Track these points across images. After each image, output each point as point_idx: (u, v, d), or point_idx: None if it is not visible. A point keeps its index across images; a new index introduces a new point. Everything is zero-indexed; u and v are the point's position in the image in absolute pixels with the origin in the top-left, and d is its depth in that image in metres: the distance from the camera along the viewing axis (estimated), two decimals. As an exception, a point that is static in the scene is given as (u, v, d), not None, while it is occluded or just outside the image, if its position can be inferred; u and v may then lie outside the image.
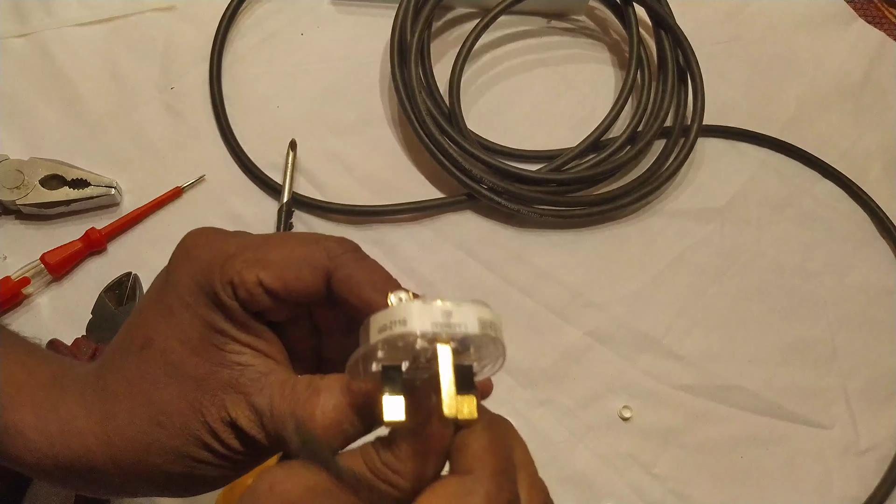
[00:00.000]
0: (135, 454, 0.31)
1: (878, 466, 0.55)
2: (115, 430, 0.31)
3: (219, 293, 0.30)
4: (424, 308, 0.27)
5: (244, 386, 0.31)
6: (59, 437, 0.32)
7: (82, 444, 0.31)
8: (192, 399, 0.31)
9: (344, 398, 0.30)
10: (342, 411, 0.29)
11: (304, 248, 0.31)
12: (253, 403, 0.30)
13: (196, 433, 0.31)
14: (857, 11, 0.73)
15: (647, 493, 0.52)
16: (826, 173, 0.65)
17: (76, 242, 0.54)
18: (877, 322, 0.60)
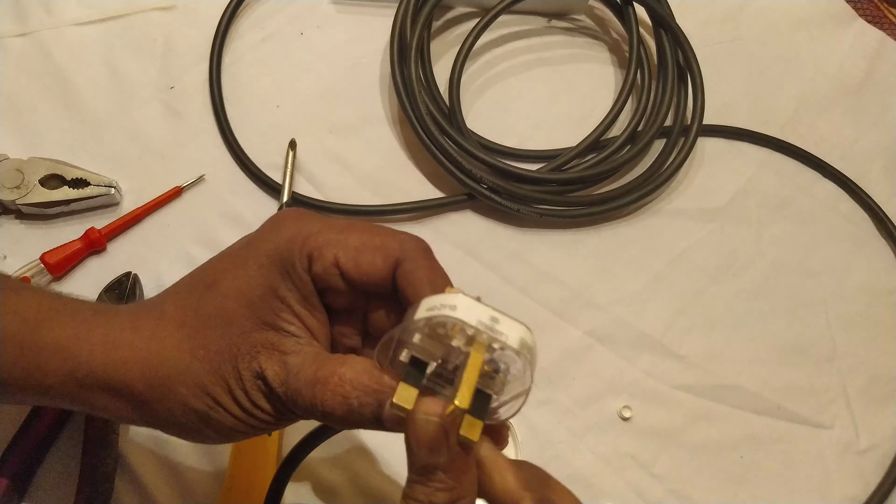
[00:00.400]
0: (166, 378, 0.34)
1: (878, 466, 0.55)
2: (158, 350, 0.34)
3: (295, 263, 0.33)
4: (476, 304, 0.29)
5: (282, 346, 0.33)
6: (101, 347, 0.34)
7: (122, 357, 0.34)
8: (232, 344, 0.33)
9: (363, 374, 0.32)
10: (356, 383, 0.32)
11: (381, 238, 0.34)
12: (285, 362, 0.33)
13: (225, 375, 0.33)
14: (857, 11, 0.73)
15: (647, 493, 0.52)
16: (826, 173, 0.65)
17: (76, 242, 0.54)
18: (877, 322, 0.60)
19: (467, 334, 0.29)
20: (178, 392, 0.34)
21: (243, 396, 0.34)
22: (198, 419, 0.34)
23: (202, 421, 0.34)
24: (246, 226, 0.58)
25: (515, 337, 0.29)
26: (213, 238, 0.57)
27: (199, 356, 0.33)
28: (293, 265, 0.33)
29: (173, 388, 0.34)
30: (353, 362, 0.32)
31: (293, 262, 0.33)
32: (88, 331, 0.35)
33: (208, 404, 0.34)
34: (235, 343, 0.33)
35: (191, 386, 0.33)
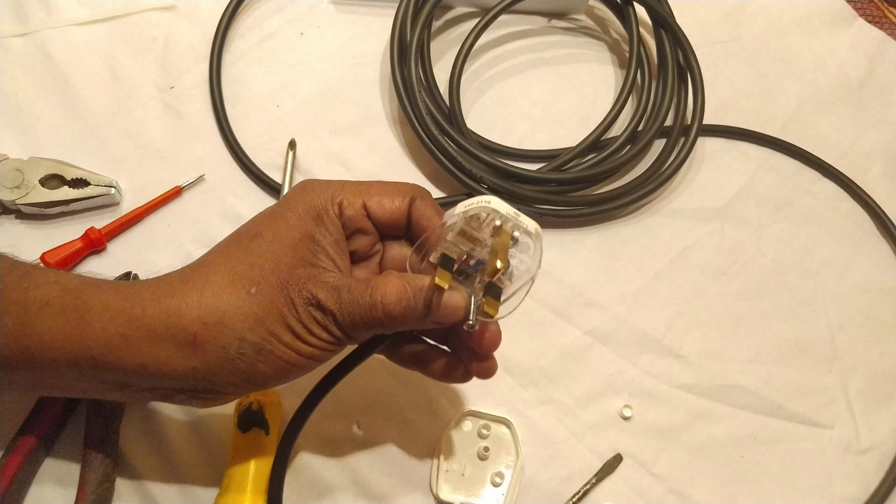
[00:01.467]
0: (222, 315, 0.37)
1: (878, 466, 0.55)
2: (212, 294, 0.37)
3: (329, 210, 0.40)
4: (503, 202, 0.38)
5: (326, 276, 0.38)
6: (152, 301, 0.37)
7: (176, 304, 0.37)
8: (282, 279, 0.37)
9: (409, 277, 0.38)
10: (407, 280, 0.38)
11: (395, 185, 0.42)
12: (334, 286, 0.38)
13: (279, 307, 0.37)
14: (857, 11, 0.73)
15: (647, 493, 0.53)
16: (826, 173, 0.65)
17: (76, 242, 0.54)
18: (877, 322, 0.60)
19: (496, 225, 0.37)
20: (234, 327, 0.37)
21: (298, 325, 0.37)
22: (253, 352, 0.37)
23: (257, 353, 0.37)
24: (246, 226, 0.58)
25: (533, 226, 0.38)
26: (213, 238, 0.56)
27: (252, 292, 0.37)
28: (327, 212, 0.40)
29: (229, 324, 0.37)
30: (394, 273, 0.39)
31: (327, 209, 0.40)
32: (137, 291, 0.38)
33: (263, 336, 0.37)
34: (285, 278, 0.37)
35: (246, 319, 0.37)
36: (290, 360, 0.38)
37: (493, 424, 0.53)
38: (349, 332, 0.39)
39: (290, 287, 0.37)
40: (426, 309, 0.38)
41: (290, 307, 0.37)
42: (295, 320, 0.37)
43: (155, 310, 0.37)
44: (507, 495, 0.51)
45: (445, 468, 0.51)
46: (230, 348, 0.37)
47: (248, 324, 0.37)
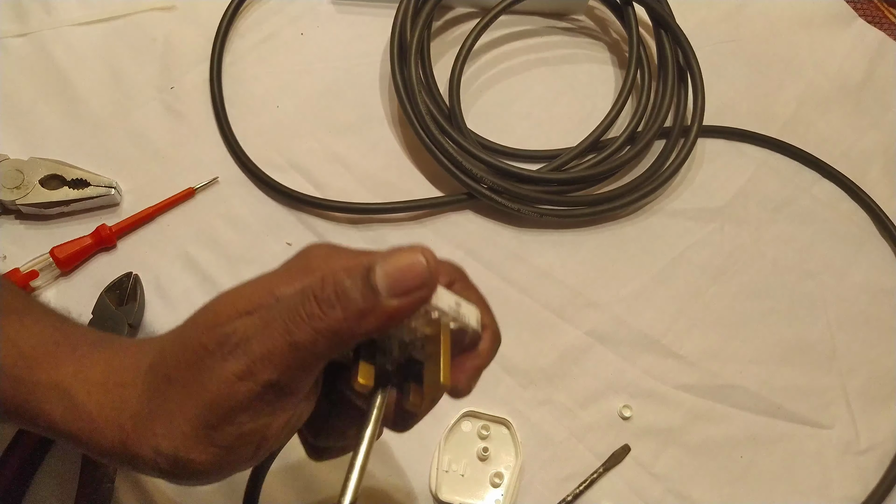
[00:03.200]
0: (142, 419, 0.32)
1: (878, 466, 0.55)
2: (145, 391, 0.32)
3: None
4: (443, 291, 0.31)
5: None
6: (100, 387, 0.32)
7: (120, 396, 0.32)
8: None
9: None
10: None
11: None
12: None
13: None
14: (857, 11, 0.73)
15: (646, 493, 0.52)
16: (826, 173, 0.65)
17: (86, 238, 0.54)
18: (877, 322, 0.60)
19: (431, 317, 0.31)
20: (155, 433, 0.31)
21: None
22: (168, 462, 0.32)
23: (172, 463, 0.32)
24: (246, 226, 0.58)
25: (474, 319, 0.33)
26: (214, 238, 0.57)
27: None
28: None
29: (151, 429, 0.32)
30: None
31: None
32: (88, 367, 0.34)
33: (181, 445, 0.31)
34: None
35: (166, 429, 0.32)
36: (210, 470, 0.32)
37: (493, 425, 0.53)
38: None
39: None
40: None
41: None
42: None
43: (99, 398, 0.32)
44: (506, 496, 0.51)
45: (445, 468, 0.51)
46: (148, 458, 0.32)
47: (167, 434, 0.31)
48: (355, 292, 0.29)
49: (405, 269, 0.29)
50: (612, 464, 0.53)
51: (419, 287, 0.29)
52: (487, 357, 0.34)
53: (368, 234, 0.59)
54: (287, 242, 0.58)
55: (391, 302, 0.29)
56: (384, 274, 0.29)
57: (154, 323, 0.54)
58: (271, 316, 0.30)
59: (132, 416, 0.32)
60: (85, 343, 0.35)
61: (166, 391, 0.31)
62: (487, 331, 0.34)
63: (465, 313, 0.32)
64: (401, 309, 0.29)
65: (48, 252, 0.53)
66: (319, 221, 0.59)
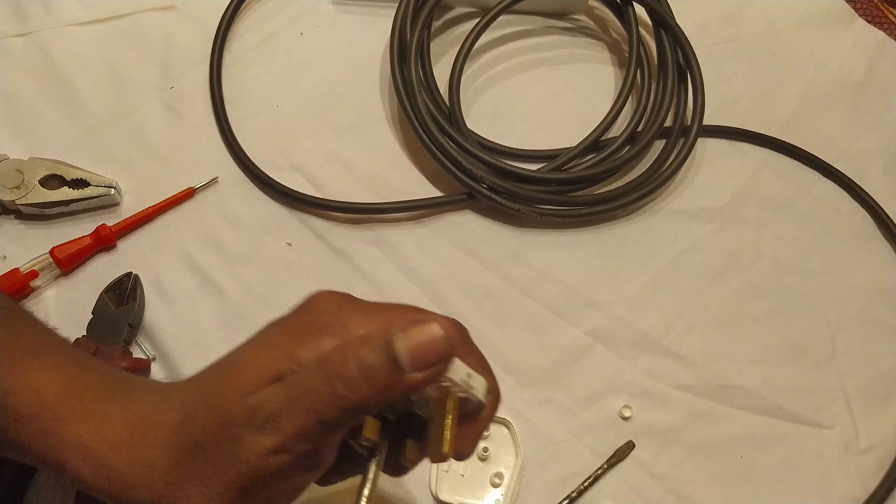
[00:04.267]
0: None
1: (878, 466, 0.55)
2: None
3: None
4: (457, 363, 0.32)
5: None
6: (126, 446, 0.33)
7: (146, 455, 0.33)
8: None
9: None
10: None
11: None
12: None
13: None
14: (857, 11, 0.73)
15: (646, 493, 0.52)
16: (826, 173, 0.65)
17: (86, 238, 0.54)
18: (877, 322, 0.60)
19: (442, 385, 0.32)
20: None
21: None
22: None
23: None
24: (246, 226, 0.58)
25: (482, 390, 0.33)
26: (214, 238, 0.57)
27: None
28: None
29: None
30: None
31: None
32: (110, 426, 0.33)
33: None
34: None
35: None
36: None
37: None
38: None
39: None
40: None
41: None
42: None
43: (128, 457, 0.33)
44: (506, 496, 0.51)
45: (445, 469, 0.51)
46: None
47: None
48: (380, 369, 0.30)
49: (427, 344, 0.30)
50: (616, 459, 0.53)
51: (440, 361, 0.30)
52: (489, 420, 0.35)
53: (368, 234, 0.59)
54: (287, 242, 0.58)
55: (414, 376, 0.30)
56: (407, 350, 0.30)
57: (154, 323, 0.54)
58: (297, 392, 0.30)
59: (163, 477, 0.32)
60: (104, 396, 0.35)
61: (197, 456, 0.31)
62: (490, 396, 0.34)
63: (475, 385, 0.32)
64: (423, 381, 0.30)
65: (48, 252, 0.53)
66: (319, 221, 0.59)
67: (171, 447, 0.32)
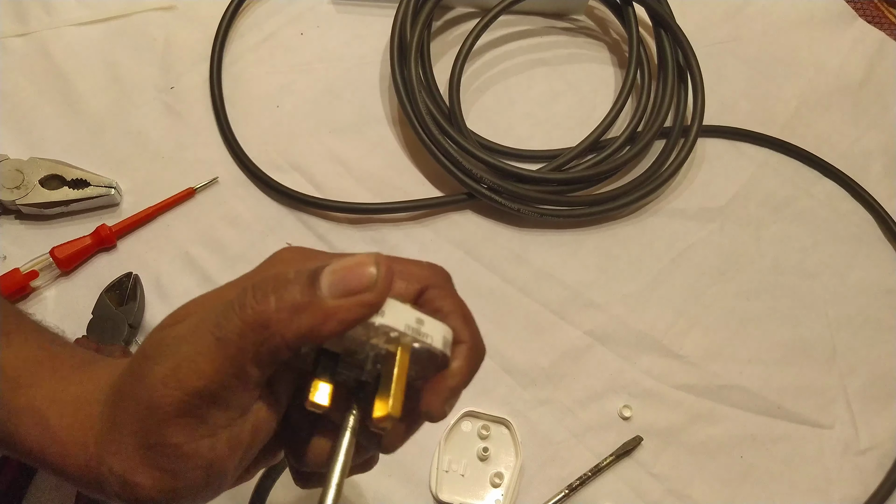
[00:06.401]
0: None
1: (878, 466, 0.55)
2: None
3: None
4: (403, 308, 0.28)
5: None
6: (71, 407, 0.31)
7: (87, 415, 0.31)
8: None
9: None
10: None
11: (406, 264, 0.31)
12: None
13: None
14: (857, 11, 0.73)
15: (646, 493, 0.52)
16: (826, 172, 0.65)
17: (86, 238, 0.54)
18: (877, 322, 0.60)
19: (389, 335, 0.28)
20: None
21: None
22: (119, 485, 0.30)
23: (122, 486, 0.30)
24: (246, 226, 0.58)
25: (439, 338, 0.29)
26: (214, 238, 0.57)
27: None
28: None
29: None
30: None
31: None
32: (64, 388, 0.32)
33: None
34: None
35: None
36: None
37: (493, 425, 0.53)
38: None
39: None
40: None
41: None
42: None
43: (70, 421, 0.31)
44: (506, 496, 0.51)
45: (445, 468, 0.51)
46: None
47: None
48: (294, 285, 0.27)
49: (350, 269, 0.27)
50: (623, 451, 0.53)
51: (363, 290, 0.27)
52: (462, 375, 0.30)
53: (368, 234, 0.59)
54: (287, 242, 0.58)
55: (329, 301, 0.26)
56: (329, 272, 0.27)
57: (154, 323, 0.54)
58: (204, 316, 0.28)
59: (95, 436, 0.30)
60: (68, 364, 0.33)
61: (118, 404, 0.29)
62: (463, 346, 0.30)
63: (427, 332, 0.28)
64: (339, 311, 0.27)
65: (48, 252, 0.53)
66: (319, 221, 0.59)
67: (105, 401, 0.30)
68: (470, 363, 0.30)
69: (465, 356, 0.30)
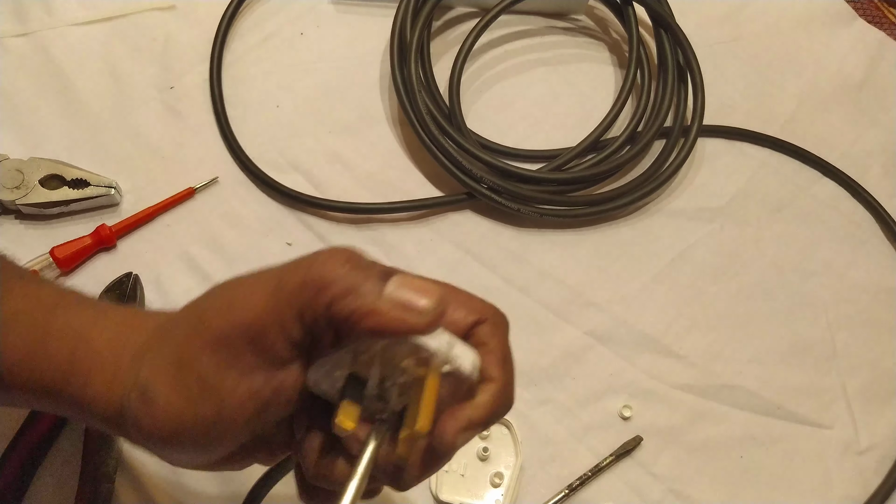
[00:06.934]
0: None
1: (878, 466, 0.55)
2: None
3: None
4: (437, 332, 0.29)
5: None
6: (114, 329, 0.34)
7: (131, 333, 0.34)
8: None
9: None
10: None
11: (467, 296, 0.33)
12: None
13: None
14: (857, 11, 0.73)
15: (646, 493, 0.52)
16: (826, 172, 0.65)
17: (86, 238, 0.54)
18: (877, 322, 0.60)
19: (421, 356, 0.29)
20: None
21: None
22: (139, 395, 0.32)
23: (141, 396, 0.32)
24: (245, 226, 0.58)
25: (468, 363, 0.30)
26: (214, 238, 0.57)
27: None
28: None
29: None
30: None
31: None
32: (107, 315, 0.34)
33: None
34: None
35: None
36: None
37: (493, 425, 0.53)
38: None
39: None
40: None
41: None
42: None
43: (111, 336, 0.33)
44: (506, 496, 0.51)
45: (445, 468, 0.51)
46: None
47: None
48: (365, 272, 0.29)
49: (417, 288, 0.29)
50: (622, 451, 0.53)
51: (417, 311, 0.28)
52: (484, 410, 0.30)
53: (368, 234, 0.59)
54: (287, 242, 0.58)
55: (385, 302, 0.28)
56: (398, 279, 0.29)
57: (154, 323, 0.54)
58: (275, 269, 0.30)
59: (133, 350, 0.32)
60: (107, 302, 0.37)
61: (165, 328, 0.32)
62: (493, 385, 0.31)
63: (458, 354, 0.29)
64: (387, 314, 0.28)
65: (48, 252, 0.53)
66: (319, 221, 0.59)
67: (154, 329, 0.33)
68: (495, 402, 0.31)
69: (491, 393, 0.31)
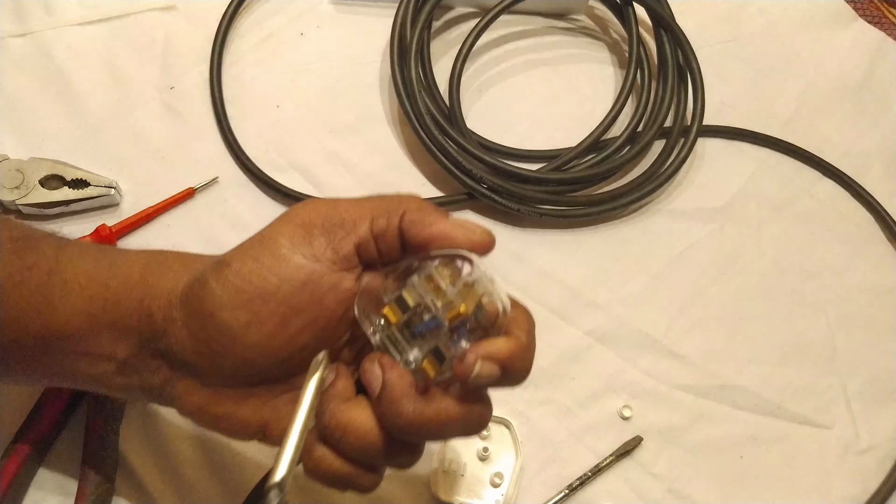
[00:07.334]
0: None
1: (878, 466, 0.55)
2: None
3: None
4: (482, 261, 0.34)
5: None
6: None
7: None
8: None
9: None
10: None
11: (380, 203, 0.37)
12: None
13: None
14: (857, 11, 0.73)
15: (646, 493, 0.53)
16: (826, 172, 0.65)
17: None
18: (877, 322, 0.60)
19: (465, 283, 0.33)
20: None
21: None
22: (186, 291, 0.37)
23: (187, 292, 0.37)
24: (245, 226, 0.58)
25: (503, 297, 0.34)
26: (214, 238, 0.57)
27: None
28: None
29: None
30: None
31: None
32: (116, 255, 0.39)
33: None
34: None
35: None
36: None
37: (493, 425, 0.53)
38: None
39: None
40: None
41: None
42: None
43: (139, 255, 0.38)
44: (506, 496, 0.51)
45: (445, 469, 0.51)
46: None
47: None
48: (437, 211, 0.36)
49: (472, 227, 0.35)
50: (623, 451, 0.53)
51: (477, 227, 0.35)
52: (506, 352, 0.34)
53: (368, 234, 0.59)
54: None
55: (449, 220, 0.35)
56: (457, 219, 0.35)
57: (154, 323, 0.54)
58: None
59: (142, 268, 0.37)
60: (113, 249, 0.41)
61: (221, 260, 0.37)
62: (514, 339, 0.35)
63: (497, 289, 0.33)
64: (453, 224, 0.35)
65: (48, 252, 0.53)
66: (319, 221, 0.59)
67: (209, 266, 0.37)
68: (515, 351, 0.35)
69: (514, 343, 0.35)
